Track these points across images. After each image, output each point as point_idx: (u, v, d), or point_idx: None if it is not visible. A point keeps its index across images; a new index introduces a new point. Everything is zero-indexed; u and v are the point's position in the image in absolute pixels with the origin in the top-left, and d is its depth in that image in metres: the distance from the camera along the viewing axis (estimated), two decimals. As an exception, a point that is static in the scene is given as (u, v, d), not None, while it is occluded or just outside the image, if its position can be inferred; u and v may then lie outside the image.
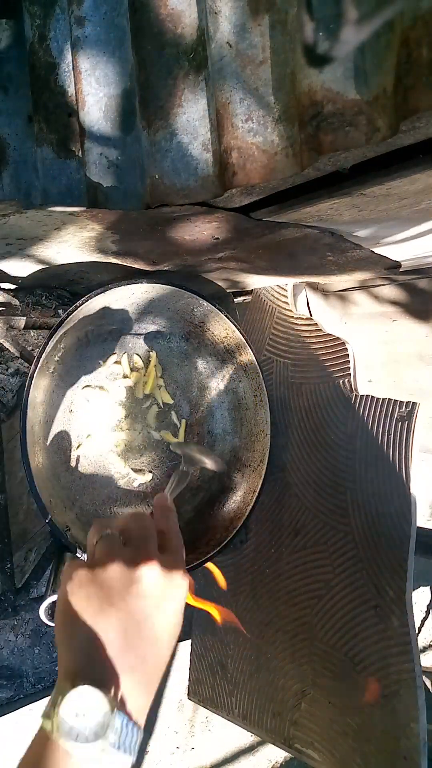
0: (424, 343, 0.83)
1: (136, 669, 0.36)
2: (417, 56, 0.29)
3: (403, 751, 0.65)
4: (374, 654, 0.69)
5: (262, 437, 0.71)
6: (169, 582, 0.39)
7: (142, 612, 0.37)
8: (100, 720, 0.32)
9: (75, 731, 0.31)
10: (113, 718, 0.32)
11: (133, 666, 0.35)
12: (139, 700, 0.35)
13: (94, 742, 0.31)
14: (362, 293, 0.86)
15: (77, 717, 0.32)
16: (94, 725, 0.32)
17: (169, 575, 0.39)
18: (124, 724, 0.33)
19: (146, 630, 0.37)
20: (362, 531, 0.73)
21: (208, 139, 0.38)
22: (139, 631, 0.36)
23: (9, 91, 0.45)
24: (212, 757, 1.62)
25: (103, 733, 0.32)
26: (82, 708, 0.32)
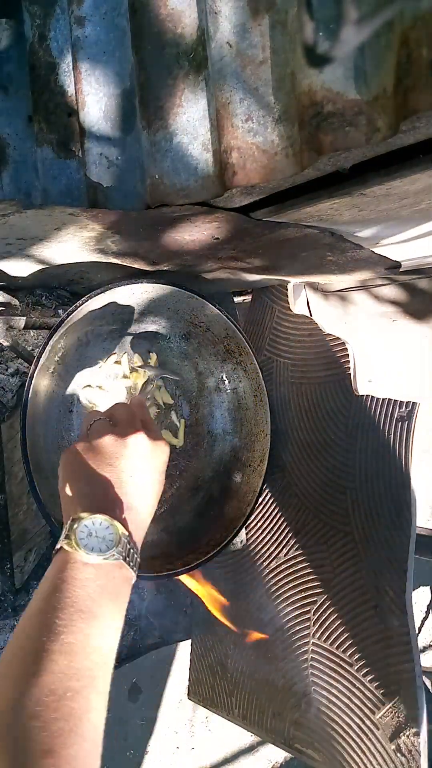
0: (424, 343, 0.83)
1: (131, 508, 0.43)
2: (417, 56, 0.29)
3: (404, 750, 0.65)
4: (374, 654, 0.69)
5: (262, 437, 0.71)
6: (152, 447, 0.47)
7: (132, 468, 0.45)
8: (110, 537, 0.39)
9: (90, 545, 0.38)
10: (122, 539, 0.39)
11: (129, 506, 0.43)
12: (136, 527, 0.43)
13: (106, 552, 0.38)
14: (362, 293, 0.86)
15: (90, 536, 0.38)
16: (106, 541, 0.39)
17: (152, 442, 0.47)
18: (130, 545, 0.40)
19: (136, 481, 0.44)
20: (362, 531, 0.73)
21: (208, 139, 0.38)
22: (130, 482, 0.44)
23: (9, 91, 0.45)
24: (212, 757, 1.62)
25: (114, 546, 0.38)
26: (94, 529, 0.39)
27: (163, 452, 0.49)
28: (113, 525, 0.39)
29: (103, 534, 0.39)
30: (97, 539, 0.38)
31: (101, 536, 0.39)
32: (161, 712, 1.58)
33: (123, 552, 0.39)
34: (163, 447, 0.49)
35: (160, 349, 0.74)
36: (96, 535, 0.39)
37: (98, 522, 0.39)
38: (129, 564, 0.40)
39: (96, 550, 0.38)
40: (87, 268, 0.64)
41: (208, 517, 0.72)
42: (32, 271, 0.62)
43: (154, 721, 1.57)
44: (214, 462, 0.76)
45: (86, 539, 0.38)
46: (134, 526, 0.42)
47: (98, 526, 0.39)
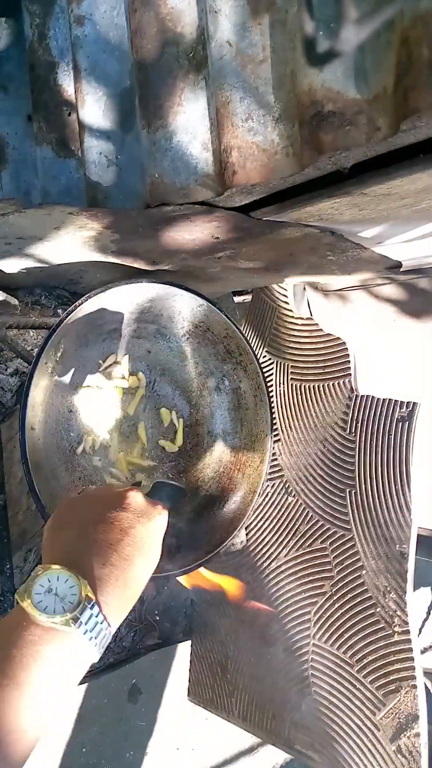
0: (424, 343, 0.83)
1: (116, 567, 0.37)
2: (417, 56, 0.29)
3: (404, 750, 0.65)
4: (374, 654, 0.69)
5: (262, 437, 0.71)
6: (150, 505, 0.43)
7: (125, 521, 0.39)
8: (70, 599, 0.33)
9: (44, 604, 0.33)
10: (83, 603, 0.33)
11: (113, 563, 0.37)
12: (114, 598, 0.36)
13: (59, 615, 0.32)
14: (362, 293, 0.86)
15: (49, 593, 0.33)
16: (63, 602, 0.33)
17: (150, 503, 0.43)
18: (94, 613, 0.34)
19: (129, 536, 0.39)
20: (362, 531, 0.72)
21: (207, 138, 0.38)
22: (122, 535, 0.38)
23: (9, 91, 0.45)
24: (212, 757, 1.62)
25: (71, 609, 0.32)
26: (55, 586, 0.33)
27: (160, 514, 0.43)
28: (77, 584, 0.33)
29: (64, 593, 0.33)
30: (55, 598, 0.33)
31: (61, 595, 0.33)
32: (161, 713, 1.58)
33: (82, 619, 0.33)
34: (161, 510, 0.44)
35: (161, 349, 0.74)
36: (55, 593, 0.33)
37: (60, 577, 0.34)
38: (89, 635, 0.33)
39: (49, 611, 0.32)
40: (86, 268, 0.64)
41: (208, 517, 0.72)
42: (32, 270, 0.61)
43: (154, 722, 1.57)
44: (214, 462, 0.75)
45: (42, 596, 0.33)
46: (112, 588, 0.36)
47: (60, 583, 0.33)
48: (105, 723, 1.51)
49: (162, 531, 0.43)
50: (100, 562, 0.36)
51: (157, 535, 0.42)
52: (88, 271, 0.66)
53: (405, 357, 0.79)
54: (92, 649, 0.33)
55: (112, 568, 0.36)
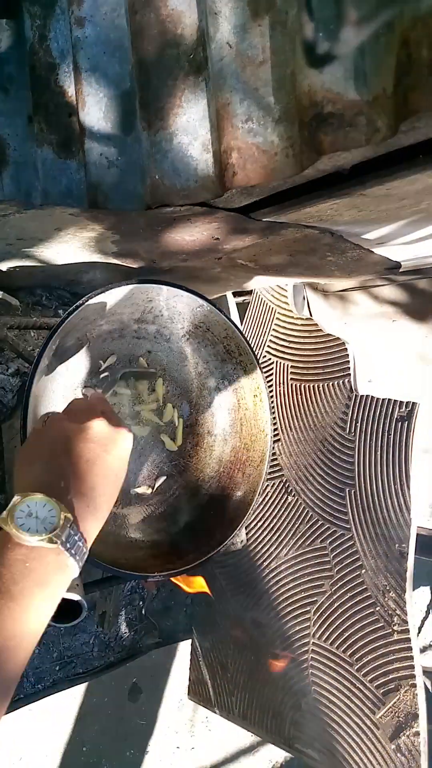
0: (424, 343, 0.83)
1: (86, 495, 0.40)
2: (417, 57, 0.29)
3: (404, 749, 0.65)
4: (374, 653, 0.69)
5: (262, 437, 0.71)
6: (114, 431, 0.44)
7: (91, 452, 0.42)
8: (50, 520, 0.36)
9: (26, 525, 0.35)
10: (62, 522, 0.36)
11: (83, 493, 0.40)
12: (87, 522, 0.39)
13: (42, 533, 0.35)
14: (362, 293, 0.86)
15: (29, 516, 0.36)
16: (45, 523, 0.36)
17: (113, 427, 0.44)
18: (72, 531, 0.37)
19: (95, 467, 0.41)
20: (362, 531, 0.73)
21: (208, 139, 0.38)
22: (89, 467, 0.41)
23: (9, 92, 0.45)
24: (212, 757, 1.62)
25: (51, 529, 0.36)
26: (35, 510, 0.36)
27: (124, 439, 0.45)
28: (56, 507, 0.37)
29: (44, 515, 0.36)
30: (36, 520, 0.36)
31: (41, 517, 0.36)
32: (161, 712, 1.58)
33: (62, 537, 0.36)
34: (124, 434, 0.45)
35: (161, 349, 0.74)
36: (36, 516, 0.36)
37: (40, 503, 0.37)
38: (70, 552, 0.36)
39: (32, 531, 0.35)
40: (87, 269, 0.64)
41: (208, 517, 0.72)
42: (32, 270, 0.62)
43: (154, 721, 1.57)
44: (214, 462, 0.76)
45: (24, 519, 0.36)
46: (85, 513, 0.39)
47: (39, 507, 0.36)
48: (105, 722, 1.51)
49: (127, 454, 0.45)
50: (72, 491, 0.39)
51: (122, 460, 0.44)
52: (88, 272, 0.66)
53: (405, 357, 0.79)
54: (73, 563, 0.37)
55: (81, 496, 0.40)
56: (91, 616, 0.90)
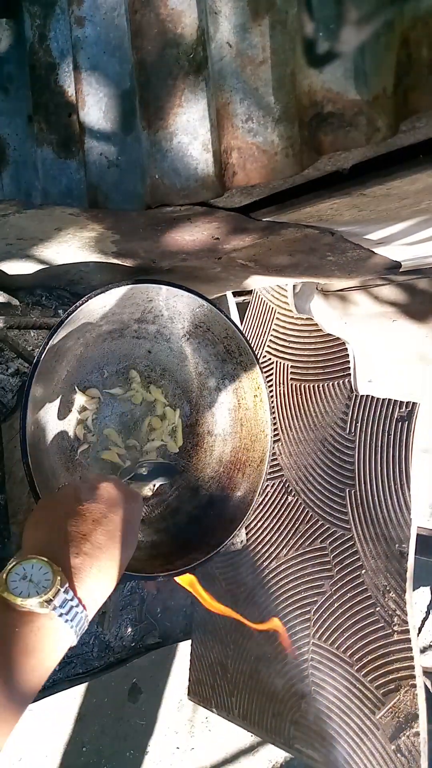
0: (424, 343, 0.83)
1: (90, 555, 0.38)
2: (417, 56, 0.29)
3: (404, 749, 0.65)
4: (374, 653, 0.69)
5: (262, 437, 0.71)
6: (124, 493, 0.44)
7: (98, 512, 0.41)
8: (44, 584, 0.35)
9: (19, 589, 0.34)
10: (57, 587, 0.35)
11: (86, 553, 0.38)
12: (89, 584, 0.37)
13: (33, 597, 0.34)
14: (362, 293, 0.86)
15: (23, 579, 0.35)
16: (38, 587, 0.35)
17: (123, 489, 0.44)
18: (68, 597, 0.35)
19: (101, 526, 0.40)
20: (362, 531, 0.73)
21: (208, 139, 0.38)
22: (95, 526, 0.40)
23: (9, 92, 0.45)
24: (212, 757, 1.62)
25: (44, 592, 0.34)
26: (30, 574, 0.35)
27: (135, 500, 0.45)
28: (50, 570, 0.35)
29: (39, 579, 0.35)
30: (29, 584, 0.34)
31: (36, 581, 0.35)
32: (161, 713, 1.58)
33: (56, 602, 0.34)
34: (135, 495, 0.45)
35: (161, 350, 0.74)
36: (30, 579, 0.35)
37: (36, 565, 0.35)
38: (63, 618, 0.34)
39: (23, 595, 0.34)
40: (87, 269, 0.64)
41: (208, 517, 0.72)
42: (32, 271, 0.62)
43: (154, 722, 1.57)
44: (214, 462, 0.76)
45: (18, 582, 0.35)
46: (86, 575, 0.37)
47: (35, 570, 0.35)
48: (105, 722, 1.51)
49: (137, 516, 0.45)
50: (73, 552, 0.38)
51: (131, 523, 0.43)
52: (88, 272, 0.66)
53: (405, 357, 0.79)
54: (68, 631, 0.35)
55: (85, 557, 0.38)
56: (91, 616, 0.89)
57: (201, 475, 0.76)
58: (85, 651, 0.82)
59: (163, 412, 0.75)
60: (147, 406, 0.75)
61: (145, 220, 0.45)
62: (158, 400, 0.75)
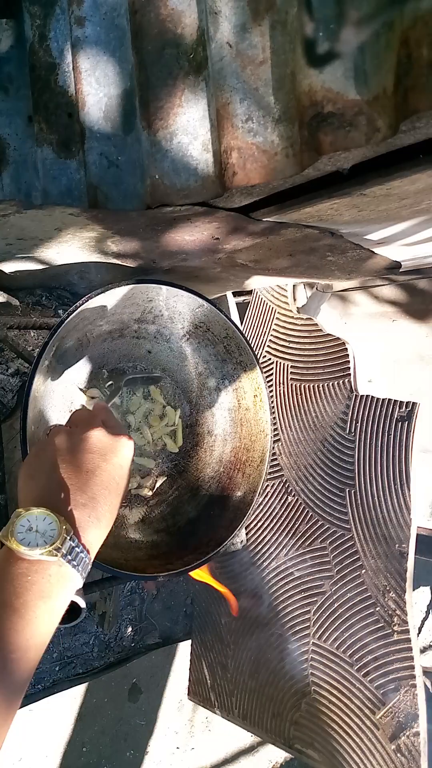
0: (424, 343, 0.83)
1: (87, 505, 0.40)
2: (417, 56, 0.29)
3: (404, 749, 0.65)
4: (374, 653, 0.69)
5: (262, 437, 0.71)
6: (113, 440, 0.44)
7: (90, 463, 0.42)
8: (50, 533, 0.36)
9: (27, 540, 0.36)
10: (63, 535, 0.37)
11: (84, 503, 0.40)
12: (89, 532, 0.39)
13: (42, 547, 0.36)
14: (362, 293, 0.86)
15: (29, 531, 0.36)
16: (44, 536, 0.36)
17: (113, 436, 0.45)
18: (73, 543, 0.37)
19: (95, 477, 0.42)
20: (362, 531, 0.73)
21: (208, 139, 0.38)
22: (89, 477, 0.41)
23: (9, 92, 0.45)
24: (212, 757, 1.62)
25: (52, 542, 0.36)
26: (35, 524, 0.37)
27: (124, 447, 0.45)
28: (55, 520, 0.37)
29: (44, 529, 0.37)
30: (36, 534, 0.36)
31: (41, 531, 0.36)
32: (161, 713, 1.58)
33: (63, 549, 0.36)
34: (125, 442, 0.46)
35: (161, 350, 0.74)
36: (36, 530, 0.36)
37: (39, 516, 0.37)
38: (71, 563, 0.37)
39: (32, 545, 0.36)
40: (87, 269, 0.64)
41: (208, 517, 0.72)
42: (32, 270, 0.62)
43: (154, 722, 1.57)
44: (214, 462, 0.76)
45: (24, 533, 0.36)
46: (86, 524, 0.39)
47: (39, 521, 0.37)
48: (105, 722, 1.51)
49: (128, 462, 0.46)
50: (72, 503, 0.39)
51: (123, 468, 0.45)
52: (88, 272, 0.66)
53: (405, 357, 0.79)
54: (75, 574, 0.37)
55: (82, 507, 0.40)
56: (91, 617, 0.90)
57: (201, 475, 0.76)
58: (85, 651, 0.82)
59: (163, 412, 0.75)
60: (146, 412, 0.75)
61: (145, 220, 0.45)
62: (157, 400, 0.75)
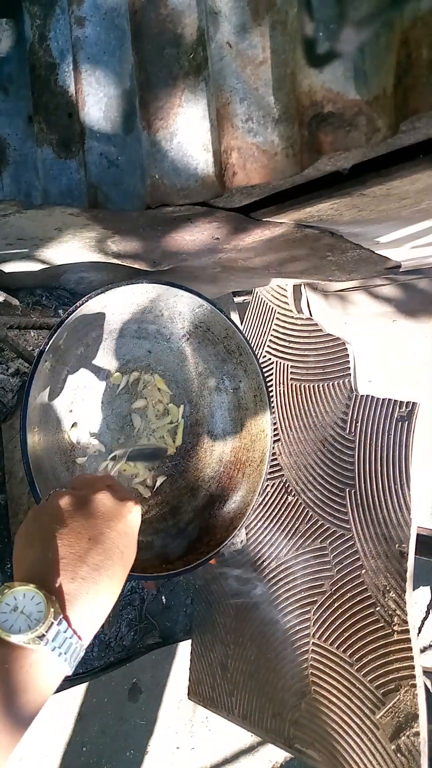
0: (424, 343, 0.83)
1: (87, 579, 0.36)
2: (417, 56, 0.29)
3: (404, 749, 0.65)
4: (374, 653, 0.69)
5: (262, 437, 0.71)
6: (119, 505, 0.41)
7: (93, 529, 0.38)
8: (36, 616, 0.32)
9: (9, 623, 0.32)
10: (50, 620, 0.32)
11: (83, 576, 0.36)
12: (85, 611, 0.35)
13: (25, 632, 0.31)
14: (362, 293, 0.86)
15: (14, 611, 0.32)
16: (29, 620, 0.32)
17: (119, 501, 0.41)
18: (62, 629, 0.33)
19: (98, 545, 0.37)
20: (362, 531, 0.73)
21: (208, 139, 0.38)
22: (91, 545, 0.37)
23: (9, 92, 0.45)
24: (212, 756, 1.62)
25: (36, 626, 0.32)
26: (22, 604, 0.32)
27: (131, 512, 0.41)
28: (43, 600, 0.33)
29: (30, 610, 0.32)
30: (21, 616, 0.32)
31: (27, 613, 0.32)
32: (161, 712, 1.58)
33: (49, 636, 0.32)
34: (131, 507, 0.42)
35: (161, 350, 0.74)
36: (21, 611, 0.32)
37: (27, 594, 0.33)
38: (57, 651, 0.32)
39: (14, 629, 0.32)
40: (87, 269, 0.64)
41: (208, 517, 0.72)
42: (32, 271, 0.62)
43: (154, 721, 1.57)
44: (214, 462, 0.76)
45: (8, 615, 0.32)
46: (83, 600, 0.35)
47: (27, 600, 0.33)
48: (105, 722, 1.51)
49: (135, 528, 0.42)
50: (68, 576, 0.35)
51: (129, 536, 0.41)
52: (88, 272, 0.66)
53: (405, 357, 0.79)
54: (62, 664, 0.33)
55: (81, 581, 0.35)
56: (91, 616, 0.89)
57: (201, 475, 0.76)
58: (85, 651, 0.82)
59: (166, 409, 0.75)
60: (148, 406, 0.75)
61: (145, 220, 0.45)
62: (162, 390, 0.75)
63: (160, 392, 0.75)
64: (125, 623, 0.84)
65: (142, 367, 0.74)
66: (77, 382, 0.68)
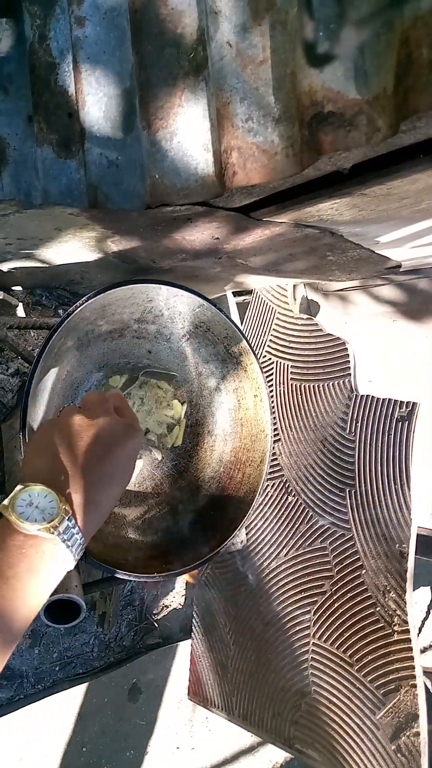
0: (424, 343, 0.83)
1: (89, 491, 0.41)
2: (417, 56, 0.29)
3: (404, 749, 0.65)
4: (374, 654, 0.69)
5: (262, 437, 0.71)
6: (124, 429, 0.45)
7: (98, 449, 0.42)
8: (50, 511, 0.37)
9: (26, 514, 0.37)
10: (61, 515, 0.37)
11: (86, 488, 0.41)
12: (87, 517, 0.40)
13: (40, 523, 0.36)
14: (362, 293, 0.86)
15: (30, 506, 0.37)
16: (44, 513, 0.37)
17: (122, 426, 0.45)
18: (70, 524, 0.38)
19: (101, 463, 0.42)
20: (362, 531, 0.73)
21: (208, 139, 0.38)
22: (94, 463, 0.42)
23: (9, 92, 0.45)
24: (212, 757, 1.62)
25: (50, 519, 0.37)
26: (36, 500, 0.37)
27: (133, 437, 0.46)
28: (56, 499, 0.38)
29: (44, 506, 0.37)
30: (36, 510, 0.37)
31: (41, 507, 0.37)
32: (161, 712, 1.58)
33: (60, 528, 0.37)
34: (134, 432, 0.46)
35: (161, 349, 0.74)
36: (36, 506, 0.37)
37: (41, 493, 0.38)
38: (66, 543, 0.37)
39: (31, 519, 0.37)
40: (87, 269, 0.64)
41: (208, 517, 0.72)
42: (32, 270, 0.62)
43: (154, 721, 1.57)
44: (214, 462, 0.76)
45: (24, 508, 0.37)
46: (86, 508, 0.40)
47: (40, 498, 0.38)
48: (105, 722, 1.51)
49: (135, 454, 0.46)
50: (74, 485, 0.40)
51: (129, 459, 0.45)
52: (88, 272, 0.66)
53: (405, 357, 0.79)
54: (69, 554, 0.38)
55: (84, 491, 0.40)
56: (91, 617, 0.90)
57: (201, 475, 0.76)
58: (85, 651, 0.82)
59: (168, 404, 0.75)
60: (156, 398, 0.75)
61: (145, 219, 0.45)
62: (165, 388, 0.75)
63: (162, 390, 0.75)
64: (125, 623, 0.84)
65: (142, 367, 0.74)
66: (77, 382, 0.68)
